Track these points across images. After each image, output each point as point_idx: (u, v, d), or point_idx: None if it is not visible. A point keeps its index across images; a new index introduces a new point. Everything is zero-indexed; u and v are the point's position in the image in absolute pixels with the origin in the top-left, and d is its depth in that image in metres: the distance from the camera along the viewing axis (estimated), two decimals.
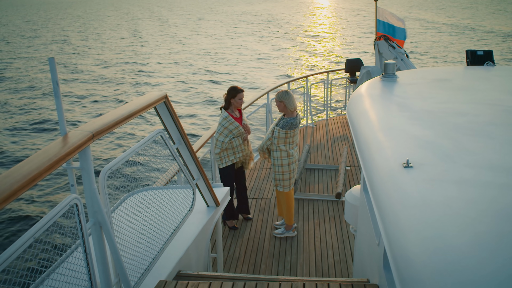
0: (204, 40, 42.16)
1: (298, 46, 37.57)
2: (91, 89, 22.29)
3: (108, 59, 32.06)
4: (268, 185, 6.82)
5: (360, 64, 10.42)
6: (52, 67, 2.03)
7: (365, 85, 3.50)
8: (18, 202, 9.86)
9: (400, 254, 1.44)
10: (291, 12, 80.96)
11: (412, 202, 1.62)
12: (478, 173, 1.77)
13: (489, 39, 36.31)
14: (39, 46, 40.07)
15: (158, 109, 3.02)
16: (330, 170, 7.33)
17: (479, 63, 4.02)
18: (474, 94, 2.99)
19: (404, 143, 2.19)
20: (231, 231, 5.59)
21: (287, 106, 4.97)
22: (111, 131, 2.36)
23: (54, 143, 2.04)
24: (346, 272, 4.71)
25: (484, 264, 1.25)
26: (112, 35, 47.36)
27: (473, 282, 1.21)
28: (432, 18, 57.34)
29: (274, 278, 3.49)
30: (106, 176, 2.29)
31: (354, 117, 2.88)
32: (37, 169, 1.79)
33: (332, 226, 5.60)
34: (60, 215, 1.90)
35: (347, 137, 9.06)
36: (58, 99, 2.08)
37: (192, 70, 27.47)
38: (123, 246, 2.52)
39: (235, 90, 5.25)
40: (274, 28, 52.31)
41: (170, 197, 3.13)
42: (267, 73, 26.05)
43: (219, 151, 5.27)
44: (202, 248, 3.85)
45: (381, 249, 2.44)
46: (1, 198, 1.59)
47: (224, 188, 4.48)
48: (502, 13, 61.53)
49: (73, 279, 2.02)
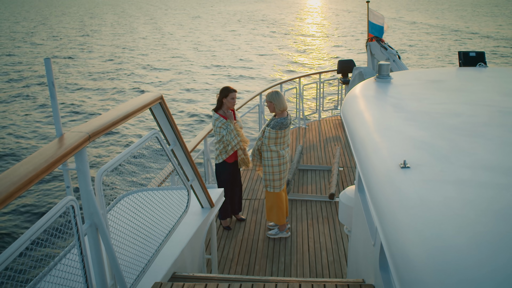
0: (197, 39, 42.06)
1: (290, 47, 37.66)
2: (88, 90, 22.13)
3: (102, 60, 31.85)
4: (262, 186, 6.81)
5: (352, 65, 10.47)
6: (47, 68, 2.01)
7: (359, 86, 3.51)
8: (14, 204, 9.75)
9: (399, 254, 1.44)
10: (283, 12, 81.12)
11: (411, 202, 1.63)
12: (475, 173, 1.78)
13: (474, 40, 36.75)
14: (34, 45, 39.65)
15: (154, 110, 3.01)
16: (323, 171, 7.35)
17: (472, 64, 4.06)
18: (468, 95, 3.01)
19: (400, 144, 2.20)
20: (225, 231, 5.58)
21: (276, 106, 5.00)
22: (107, 132, 2.35)
23: (50, 145, 2.02)
24: (340, 272, 4.72)
25: (483, 264, 1.26)
26: (106, 35, 47.04)
27: (473, 282, 1.21)
28: (419, 19, 57.85)
29: (270, 279, 3.49)
30: (102, 177, 2.27)
31: (349, 118, 2.88)
32: (33, 171, 1.77)
33: (326, 226, 5.61)
34: (56, 217, 1.88)
35: (340, 137, 9.10)
36: (54, 100, 2.06)
37: (186, 70, 27.41)
38: (119, 248, 2.50)
39: (227, 90, 5.25)
40: (267, 29, 52.36)
41: (165, 198, 3.12)
42: (259, 74, 26.06)
43: (219, 151, 5.30)
44: (197, 249, 3.84)
45: (376, 249, 2.45)
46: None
47: (219, 189, 4.47)
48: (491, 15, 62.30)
49: (69, 282, 2.00)
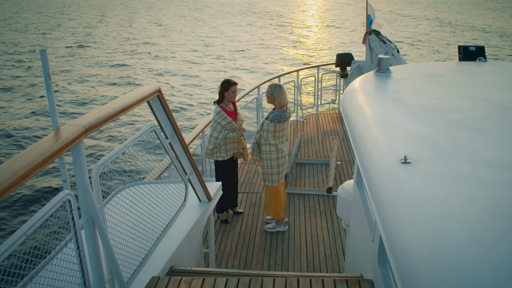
0: (195, 32, 41.85)
1: (289, 40, 37.51)
2: (85, 82, 22.00)
3: (102, 53, 31.65)
4: (259, 180, 6.80)
5: (350, 59, 10.44)
6: (43, 60, 1.98)
7: (359, 80, 3.49)
8: (9, 199, 9.71)
9: (400, 250, 1.43)
10: (281, 4, 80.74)
11: (412, 198, 1.62)
12: (476, 169, 1.77)
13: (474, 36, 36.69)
14: (31, 39, 39.35)
15: (151, 103, 2.98)
16: (320, 165, 7.34)
17: (471, 58, 4.04)
18: (468, 89, 3.00)
19: (400, 139, 2.18)
20: (222, 225, 5.57)
21: (277, 100, 4.98)
22: (104, 125, 2.32)
23: (46, 138, 1.99)
24: (338, 266, 4.72)
25: (484, 260, 1.26)
26: (105, 29, 46.73)
27: (474, 277, 1.21)
28: (417, 12, 57.70)
29: (268, 273, 3.48)
30: (99, 171, 2.25)
31: (349, 112, 2.86)
32: (29, 165, 1.75)
33: (323, 220, 5.61)
34: (53, 211, 1.86)
35: (338, 131, 9.08)
36: (50, 92, 2.03)
37: (183, 63, 27.28)
38: (116, 242, 2.48)
39: (228, 83, 5.21)
40: (265, 21, 52.12)
41: (163, 192, 3.10)
42: (256, 67, 25.97)
43: (212, 147, 5.24)
44: (195, 243, 3.83)
45: (375, 244, 2.44)
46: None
47: (216, 182, 4.45)
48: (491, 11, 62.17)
49: (66, 276, 1.99)
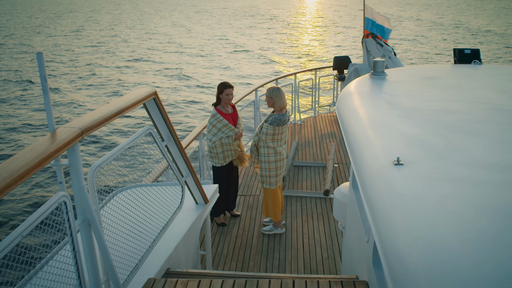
0: (192, 34, 41.88)
1: (286, 43, 37.57)
2: (81, 85, 21.98)
3: (97, 54, 31.64)
4: (257, 182, 6.81)
5: (348, 62, 10.46)
6: (40, 62, 1.99)
7: (354, 82, 3.51)
8: (4, 200, 9.68)
9: (392, 252, 1.44)
10: (278, 7, 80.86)
11: (404, 200, 1.62)
12: (469, 171, 1.78)
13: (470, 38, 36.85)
14: (27, 40, 39.32)
15: (148, 105, 2.99)
16: (318, 167, 7.36)
17: (466, 61, 4.06)
18: (463, 92, 3.01)
19: (394, 141, 2.19)
20: (219, 228, 5.57)
21: (276, 103, 5.00)
22: (100, 127, 2.33)
23: (42, 140, 2.00)
24: (334, 268, 4.73)
25: (478, 264, 1.25)
26: (102, 31, 46.73)
27: (468, 283, 1.20)
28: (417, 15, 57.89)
29: (263, 275, 3.49)
30: (95, 173, 2.26)
31: (344, 114, 2.88)
32: (24, 167, 1.75)
33: (320, 223, 5.62)
34: (48, 213, 1.87)
35: (335, 134, 9.10)
36: (46, 95, 2.04)
37: (179, 65, 27.29)
38: (112, 244, 2.48)
39: (223, 86, 5.23)
40: (262, 24, 52.20)
41: (159, 194, 3.11)
42: (255, 70, 26.00)
43: (209, 150, 5.27)
44: (191, 245, 3.83)
45: (370, 246, 2.45)
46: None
47: (213, 185, 4.46)
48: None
49: (62, 278, 1.99)
